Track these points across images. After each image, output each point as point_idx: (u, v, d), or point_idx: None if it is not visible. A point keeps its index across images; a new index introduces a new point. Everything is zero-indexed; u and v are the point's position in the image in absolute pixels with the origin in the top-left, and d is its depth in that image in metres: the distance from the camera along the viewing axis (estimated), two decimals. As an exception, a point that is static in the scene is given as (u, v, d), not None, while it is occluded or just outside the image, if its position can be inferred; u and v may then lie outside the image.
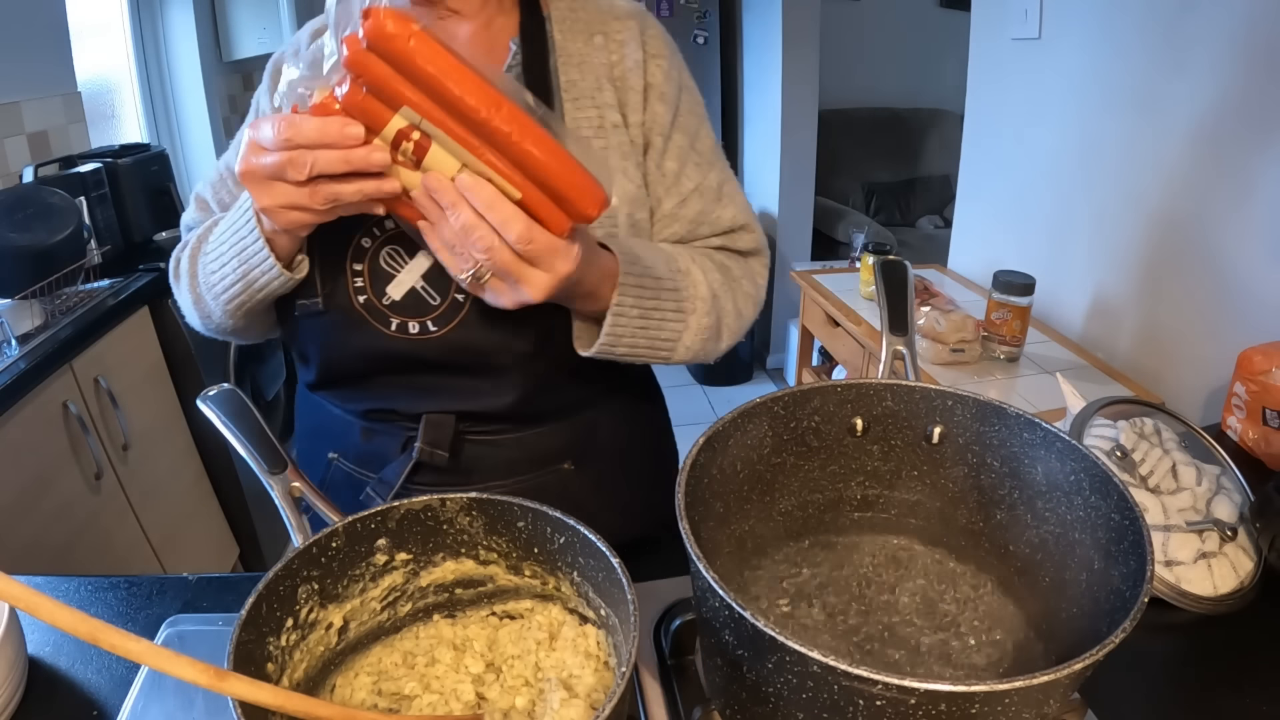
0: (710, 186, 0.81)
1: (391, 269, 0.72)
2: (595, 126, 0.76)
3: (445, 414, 0.76)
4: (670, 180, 0.79)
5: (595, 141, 0.75)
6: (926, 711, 0.40)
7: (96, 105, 2.37)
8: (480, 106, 0.53)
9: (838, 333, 1.96)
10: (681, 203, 0.80)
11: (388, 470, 0.78)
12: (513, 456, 0.80)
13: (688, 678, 0.62)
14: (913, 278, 0.79)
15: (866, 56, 3.84)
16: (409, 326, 0.73)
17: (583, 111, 0.76)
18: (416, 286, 0.73)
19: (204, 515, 1.99)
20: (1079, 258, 1.66)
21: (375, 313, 0.73)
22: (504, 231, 0.55)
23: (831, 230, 3.33)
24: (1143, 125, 1.46)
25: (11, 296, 1.51)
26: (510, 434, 0.79)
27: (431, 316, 0.73)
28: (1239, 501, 0.79)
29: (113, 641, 0.41)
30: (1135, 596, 0.44)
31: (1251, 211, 1.26)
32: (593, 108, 0.76)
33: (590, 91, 0.76)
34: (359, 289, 0.73)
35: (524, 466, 0.80)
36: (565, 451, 0.82)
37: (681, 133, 0.80)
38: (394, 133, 0.55)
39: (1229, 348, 1.12)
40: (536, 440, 0.80)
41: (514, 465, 0.80)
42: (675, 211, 0.80)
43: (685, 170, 0.80)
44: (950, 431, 0.64)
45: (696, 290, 0.75)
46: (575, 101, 0.76)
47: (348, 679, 0.58)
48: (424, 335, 0.73)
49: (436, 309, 0.73)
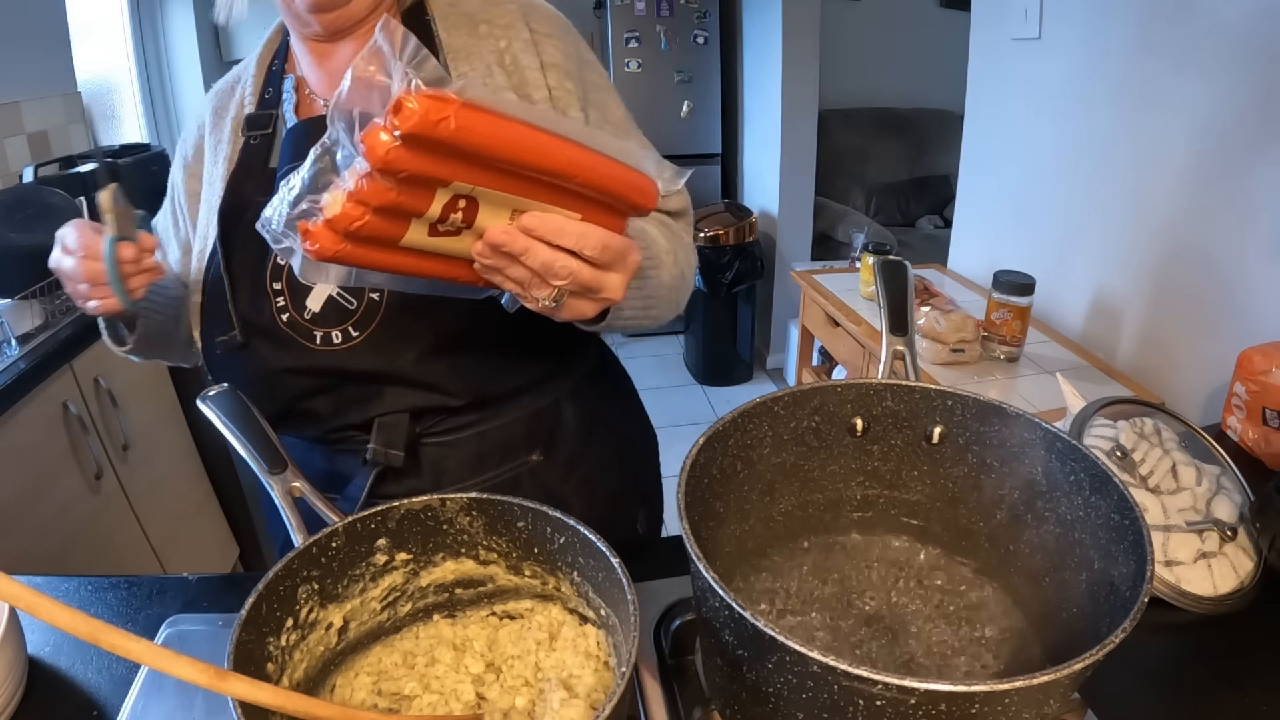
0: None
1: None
2: None
3: (397, 414, 0.75)
4: None
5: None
6: (926, 711, 0.40)
7: (96, 105, 2.37)
8: (538, 161, 0.49)
9: (838, 333, 1.96)
10: None
11: (352, 486, 0.77)
12: (477, 452, 0.79)
13: (688, 678, 0.62)
14: (913, 278, 0.78)
15: (866, 56, 3.84)
16: (333, 337, 0.73)
17: None
18: (332, 293, 0.73)
19: (204, 515, 1.99)
20: (1079, 258, 1.66)
21: (299, 329, 0.73)
22: (583, 249, 0.54)
23: (831, 230, 3.33)
24: (1143, 125, 1.46)
25: (11, 296, 1.51)
26: (470, 429, 0.78)
27: (352, 321, 0.73)
28: (1239, 501, 0.79)
29: (113, 641, 0.41)
30: (1135, 596, 0.44)
31: (1251, 211, 1.26)
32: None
33: (481, 80, 0.76)
34: (280, 308, 0.73)
35: (491, 461, 0.80)
36: (529, 442, 0.81)
37: (593, 107, 0.79)
38: (439, 210, 0.49)
39: (1229, 348, 1.12)
40: (498, 433, 0.79)
41: (480, 462, 0.79)
42: None
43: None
44: (950, 431, 0.64)
45: (659, 244, 0.74)
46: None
47: (348, 679, 0.58)
48: (348, 343, 0.73)
49: (354, 313, 0.72)
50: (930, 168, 3.80)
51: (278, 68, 0.82)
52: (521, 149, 0.47)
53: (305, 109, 0.79)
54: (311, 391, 0.75)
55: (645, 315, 0.74)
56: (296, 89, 0.80)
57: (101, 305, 0.68)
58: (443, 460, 0.78)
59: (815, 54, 2.97)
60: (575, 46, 0.80)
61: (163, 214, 0.89)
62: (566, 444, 0.84)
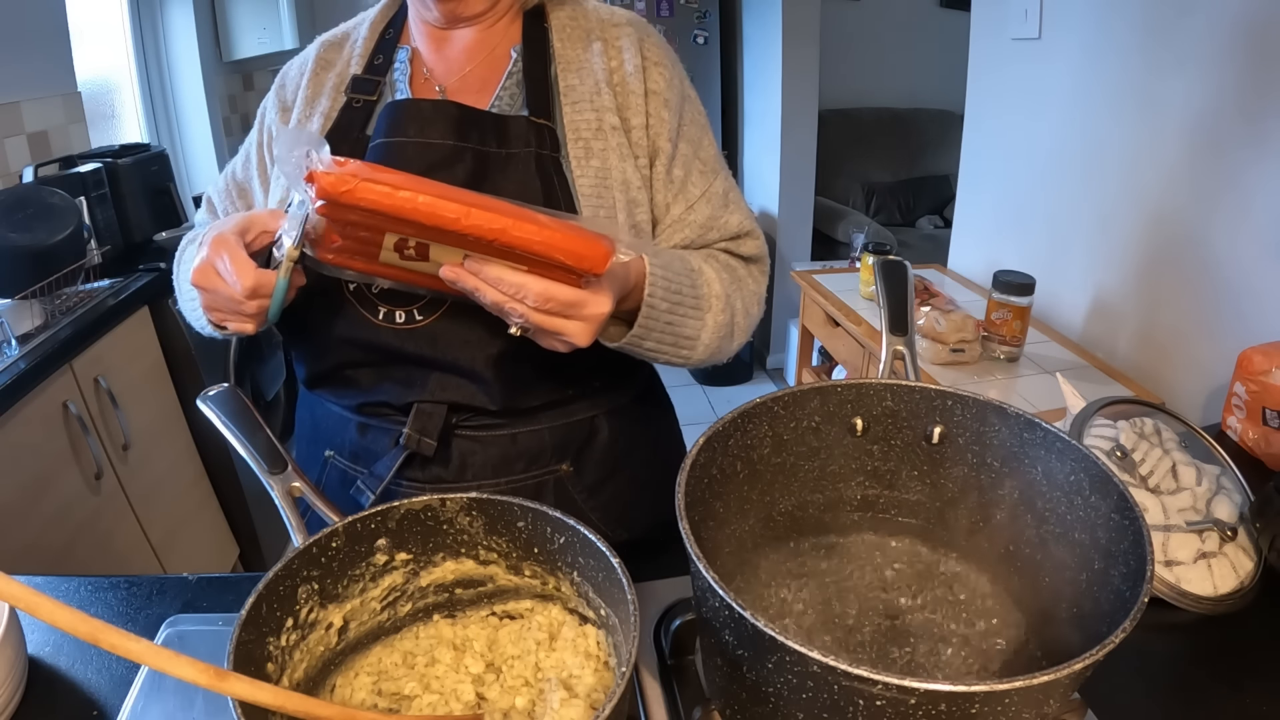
0: (717, 193, 0.82)
1: None
2: (594, 129, 0.76)
3: (436, 404, 0.76)
4: (678, 186, 0.80)
5: (594, 143, 0.76)
6: (926, 711, 0.40)
7: (96, 105, 2.37)
8: (445, 224, 0.56)
9: (838, 333, 1.96)
10: (690, 208, 0.80)
11: (379, 464, 0.78)
12: (505, 454, 0.79)
13: (688, 678, 0.62)
14: (913, 278, 0.79)
15: (866, 56, 3.84)
16: (395, 315, 0.73)
17: (581, 115, 0.76)
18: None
19: (204, 515, 1.99)
20: (1079, 258, 1.66)
21: (364, 300, 0.73)
22: (522, 299, 0.59)
23: (831, 230, 3.33)
24: (1143, 125, 1.46)
25: (11, 296, 1.51)
26: (502, 430, 0.79)
27: (418, 305, 0.73)
28: (1239, 501, 0.79)
29: (113, 641, 0.41)
30: (1135, 596, 0.44)
31: (1251, 211, 1.26)
32: (591, 111, 0.76)
33: (589, 95, 0.77)
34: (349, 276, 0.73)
35: (518, 465, 0.80)
36: (560, 452, 0.82)
37: (686, 141, 0.81)
38: (393, 245, 0.60)
39: (1229, 348, 1.12)
40: (530, 438, 0.80)
41: (507, 463, 0.80)
42: (684, 217, 0.80)
43: (691, 177, 0.80)
44: (950, 431, 0.64)
45: (711, 288, 0.76)
46: (574, 105, 0.76)
47: (348, 679, 0.58)
48: (410, 325, 0.73)
49: (423, 297, 0.73)
50: (930, 168, 3.80)
51: (391, 36, 0.82)
52: (423, 213, 0.56)
53: (420, 87, 0.80)
54: (358, 363, 0.76)
55: (675, 354, 0.75)
56: (412, 61, 0.81)
57: (234, 329, 0.69)
58: (472, 455, 0.79)
59: (815, 54, 2.97)
60: (681, 81, 0.82)
61: (247, 160, 0.86)
62: (597, 461, 0.84)
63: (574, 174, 0.75)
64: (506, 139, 0.74)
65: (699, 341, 0.75)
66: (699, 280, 0.75)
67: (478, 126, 0.74)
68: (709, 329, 0.75)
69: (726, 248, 0.83)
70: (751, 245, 0.85)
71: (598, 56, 0.78)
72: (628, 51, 0.79)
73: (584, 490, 0.83)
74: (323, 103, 0.80)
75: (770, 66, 3.05)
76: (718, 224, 0.82)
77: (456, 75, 0.79)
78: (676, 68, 0.82)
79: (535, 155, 0.74)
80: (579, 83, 0.77)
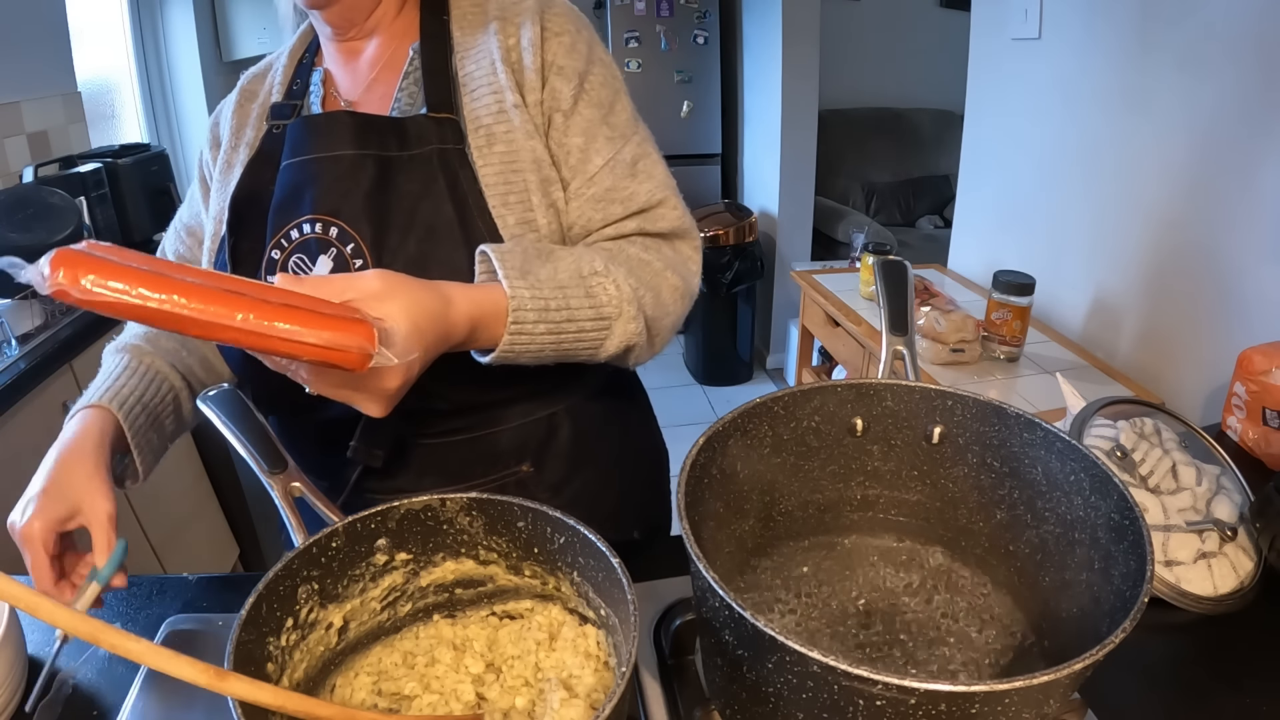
0: (623, 160, 0.77)
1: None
2: (494, 113, 0.74)
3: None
4: (577, 157, 0.76)
5: (496, 128, 0.74)
6: (926, 711, 0.40)
7: (96, 105, 2.37)
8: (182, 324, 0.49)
9: (838, 333, 1.96)
10: (589, 180, 0.76)
11: (337, 479, 0.77)
12: (464, 458, 0.79)
13: (688, 678, 0.62)
14: (913, 278, 0.79)
15: (866, 56, 3.84)
16: None
17: (481, 101, 0.75)
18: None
19: (204, 515, 1.99)
20: (1079, 257, 1.66)
21: None
22: (295, 373, 0.56)
23: (831, 230, 3.33)
24: (1143, 125, 1.46)
25: (11, 296, 1.51)
26: (459, 435, 0.78)
27: None
28: (1239, 501, 0.79)
29: (113, 641, 0.41)
30: (1135, 596, 0.44)
31: (1252, 211, 1.26)
32: (490, 94, 0.75)
33: (485, 79, 0.75)
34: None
35: (477, 470, 0.79)
36: (520, 453, 0.80)
37: (592, 106, 0.77)
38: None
39: (1229, 348, 1.12)
40: (486, 442, 0.79)
41: (466, 468, 0.79)
42: (581, 190, 0.76)
43: (594, 145, 0.76)
44: (950, 431, 0.64)
45: (620, 292, 0.70)
46: (473, 93, 0.75)
47: (348, 679, 0.58)
48: None
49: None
50: (930, 168, 3.80)
51: (308, 61, 0.83)
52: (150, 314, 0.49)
53: (330, 105, 0.80)
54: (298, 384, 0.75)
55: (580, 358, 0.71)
56: (324, 83, 0.81)
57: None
58: (430, 462, 0.78)
59: (815, 54, 2.97)
60: (587, 46, 0.78)
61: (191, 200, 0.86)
62: (559, 459, 0.83)
63: (477, 164, 0.73)
64: (407, 140, 0.73)
65: (601, 350, 0.71)
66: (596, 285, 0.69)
67: (377, 132, 0.73)
68: (616, 337, 0.70)
69: (638, 225, 0.77)
70: (668, 217, 0.78)
71: (493, 37, 0.76)
72: (525, 26, 0.76)
73: (547, 489, 0.82)
74: (248, 133, 0.80)
75: (770, 66, 3.05)
76: (620, 195, 0.76)
77: (362, 86, 0.79)
78: (582, 33, 0.78)
79: (438, 152, 0.72)
80: (475, 68, 0.76)
